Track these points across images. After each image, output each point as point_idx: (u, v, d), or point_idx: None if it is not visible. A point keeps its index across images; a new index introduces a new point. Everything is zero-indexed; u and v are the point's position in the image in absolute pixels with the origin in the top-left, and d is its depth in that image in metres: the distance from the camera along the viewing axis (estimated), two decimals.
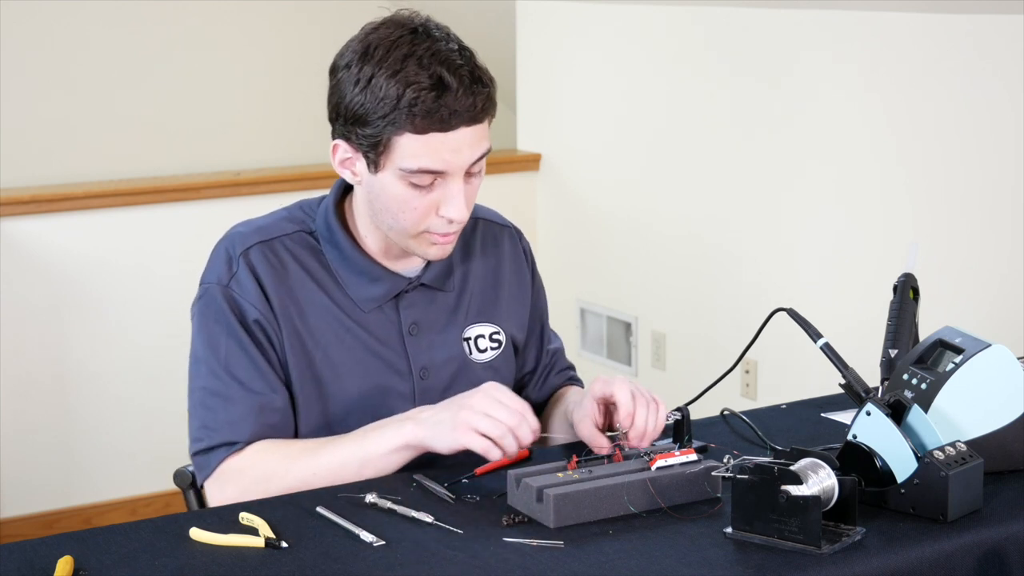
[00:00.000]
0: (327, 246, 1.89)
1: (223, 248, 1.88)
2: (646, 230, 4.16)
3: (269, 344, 1.84)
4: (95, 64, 4.69)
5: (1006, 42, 3.00)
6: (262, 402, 1.82)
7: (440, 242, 1.83)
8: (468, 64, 1.75)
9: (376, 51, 1.74)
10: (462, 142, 1.75)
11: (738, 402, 3.09)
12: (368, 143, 1.76)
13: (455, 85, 1.72)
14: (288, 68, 4.91)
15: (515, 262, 2.05)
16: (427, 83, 1.71)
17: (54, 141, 4.62)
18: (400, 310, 1.90)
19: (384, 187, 1.78)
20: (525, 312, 2.05)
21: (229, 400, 1.82)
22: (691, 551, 1.52)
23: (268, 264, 1.85)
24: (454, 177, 1.77)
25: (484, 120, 1.78)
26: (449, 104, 1.72)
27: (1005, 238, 3.06)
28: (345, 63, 1.77)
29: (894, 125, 3.31)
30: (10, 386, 3.91)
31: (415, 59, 1.72)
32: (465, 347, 1.96)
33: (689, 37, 3.91)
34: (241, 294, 1.84)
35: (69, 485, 4.07)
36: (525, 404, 1.72)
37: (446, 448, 1.73)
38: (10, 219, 3.88)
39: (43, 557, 1.51)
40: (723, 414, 2.04)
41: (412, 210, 1.78)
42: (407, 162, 1.75)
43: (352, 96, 1.75)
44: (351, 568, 1.49)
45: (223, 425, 1.81)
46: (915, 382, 1.75)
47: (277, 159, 4.75)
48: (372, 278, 1.88)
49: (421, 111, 1.71)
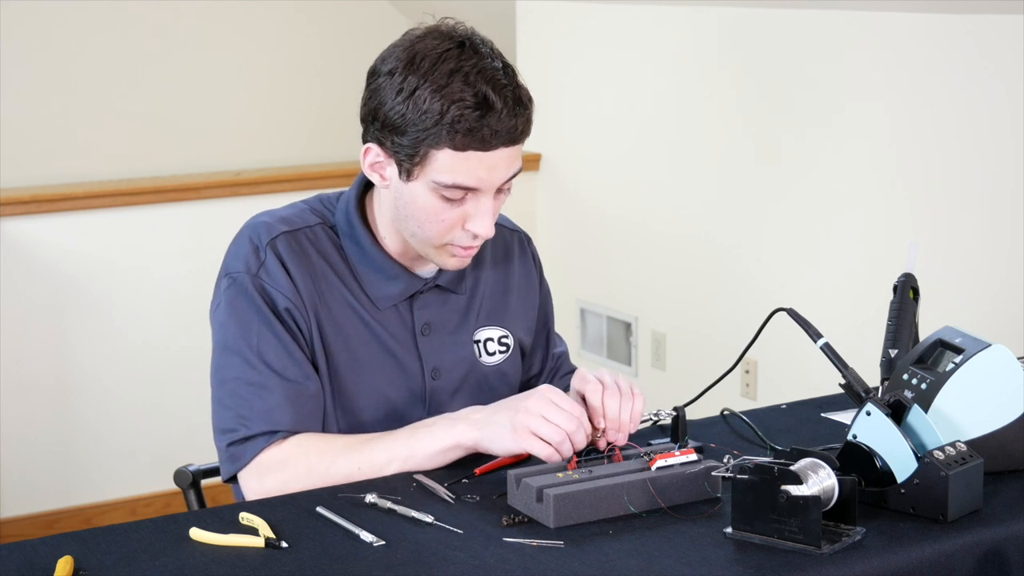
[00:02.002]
0: (347, 241, 1.89)
1: (247, 237, 1.87)
2: (646, 230, 4.16)
3: (299, 332, 1.83)
4: (95, 64, 4.69)
5: (1006, 42, 3.00)
6: (298, 390, 1.81)
7: (460, 255, 1.83)
8: (512, 84, 1.76)
9: (423, 62, 1.73)
10: (499, 161, 1.76)
11: (738, 402, 3.09)
12: (404, 152, 1.76)
13: (499, 106, 1.72)
14: (288, 68, 4.91)
15: (524, 267, 2.06)
16: (471, 101, 1.71)
17: (54, 141, 4.62)
18: (414, 310, 1.91)
19: (415, 196, 1.78)
20: (533, 316, 2.06)
21: (265, 388, 1.80)
22: (691, 551, 1.52)
23: (293, 254, 1.85)
24: (486, 194, 1.78)
25: (521, 141, 1.79)
26: (492, 124, 1.72)
27: (1005, 238, 3.06)
28: (388, 69, 1.76)
29: (894, 125, 3.31)
30: (10, 386, 3.91)
31: (461, 75, 1.72)
32: (475, 349, 1.96)
33: (689, 37, 3.91)
34: (271, 282, 1.83)
35: (69, 485, 4.07)
36: (581, 409, 1.72)
37: (504, 451, 1.73)
38: (10, 219, 3.88)
39: (43, 557, 1.51)
40: (723, 414, 2.04)
41: (440, 222, 1.78)
42: (443, 176, 1.75)
43: (393, 104, 1.74)
44: (351, 568, 1.49)
45: (261, 414, 1.80)
46: (915, 382, 1.75)
47: (277, 159, 4.75)
48: (390, 276, 1.88)
49: (463, 129, 1.72)
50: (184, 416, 4.06)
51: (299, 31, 4.96)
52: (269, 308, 1.82)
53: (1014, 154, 3.01)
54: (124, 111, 4.74)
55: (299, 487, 1.75)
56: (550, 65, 4.53)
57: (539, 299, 2.08)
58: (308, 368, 1.83)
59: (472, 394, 1.95)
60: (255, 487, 1.80)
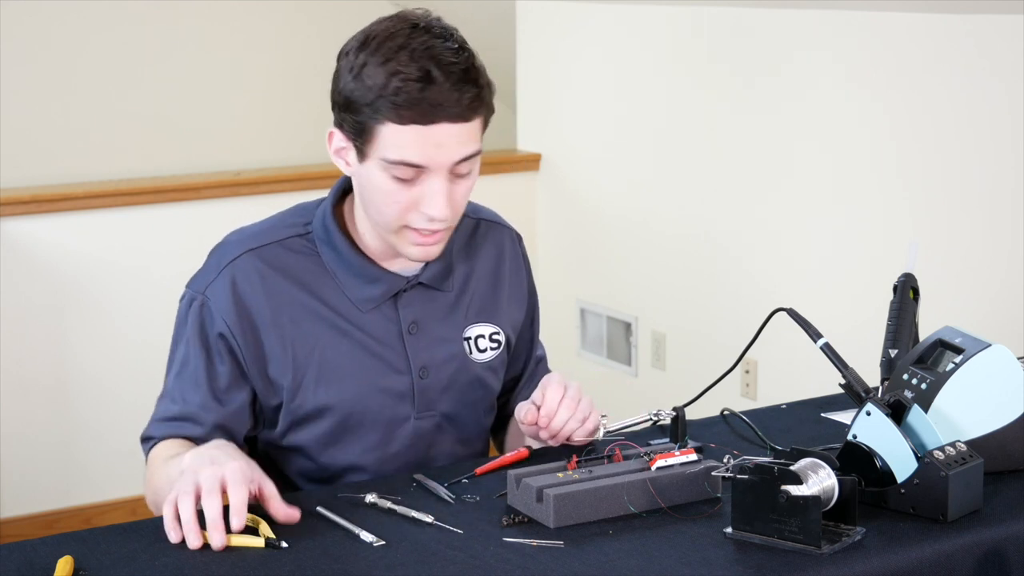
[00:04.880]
0: (324, 247, 1.88)
1: (214, 256, 1.90)
2: (646, 230, 4.16)
3: (231, 358, 1.85)
4: (95, 64, 4.69)
5: (1006, 42, 3.00)
6: (188, 413, 1.86)
7: (421, 242, 1.81)
8: (463, 63, 1.74)
9: (373, 41, 1.75)
10: (446, 139, 1.74)
11: (738, 402, 3.09)
12: (355, 130, 1.76)
13: (442, 79, 1.71)
14: (288, 68, 4.91)
15: (514, 263, 2.05)
16: (414, 75, 1.71)
17: (54, 141, 4.62)
18: (399, 309, 1.90)
19: (369, 177, 1.78)
20: (520, 315, 2.05)
21: (166, 400, 1.89)
22: (691, 551, 1.52)
23: (255, 273, 1.85)
24: (436, 174, 1.76)
25: (472, 119, 1.76)
26: (432, 97, 1.71)
27: (1005, 238, 3.06)
28: (346, 51, 1.78)
29: (894, 125, 3.31)
30: (10, 386, 3.91)
31: (407, 51, 1.72)
32: (465, 347, 1.95)
33: (689, 37, 3.91)
34: (214, 304, 1.85)
35: (69, 485, 4.07)
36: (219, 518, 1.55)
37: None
38: (10, 219, 3.88)
39: (43, 557, 1.52)
40: (723, 414, 2.04)
41: (394, 203, 1.77)
42: (388, 152, 1.74)
43: (345, 83, 1.76)
44: (351, 568, 1.49)
45: (152, 422, 1.90)
46: (915, 382, 1.75)
47: (277, 159, 4.75)
48: (369, 279, 1.88)
49: (404, 101, 1.71)
50: None
51: (299, 31, 4.97)
52: (200, 331, 1.86)
53: (1014, 154, 3.01)
54: (124, 111, 4.74)
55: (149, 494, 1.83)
56: (550, 65, 4.53)
57: (527, 299, 2.07)
58: (207, 398, 1.85)
59: (462, 391, 1.94)
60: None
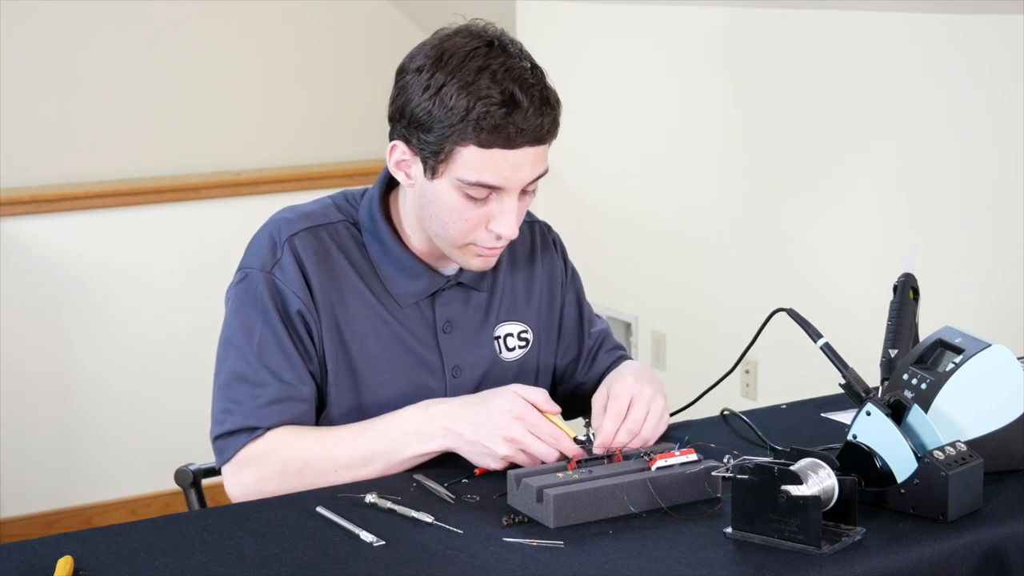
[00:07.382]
0: (369, 238, 1.89)
1: (266, 234, 1.87)
2: (646, 230, 4.16)
3: (308, 334, 1.84)
4: (95, 64, 4.68)
5: (1006, 42, 3.00)
6: (290, 392, 1.81)
7: (484, 255, 1.84)
8: (539, 84, 1.78)
9: (450, 59, 1.74)
10: (524, 161, 1.76)
11: (738, 402, 3.09)
12: (430, 149, 1.76)
13: (525, 104, 1.74)
14: (288, 68, 4.91)
15: (548, 257, 2.07)
16: (498, 99, 1.72)
17: (54, 141, 4.61)
18: (436, 308, 1.91)
19: (438, 194, 1.79)
20: (558, 305, 2.06)
21: (256, 386, 1.81)
22: (691, 551, 1.53)
23: (313, 251, 1.85)
24: (510, 194, 1.78)
25: (548, 141, 1.80)
26: (517, 122, 1.73)
27: (1005, 238, 3.06)
28: (416, 67, 1.77)
29: (894, 125, 3.31)
30: (10, 386, 3.92)
31: (488, 73, 1.73)
32: (496, 346, 1.96)
33: (689, 37, 3.91)
34: (284, 281, 1.83)
35: (69, 485, 4.07)
36: (559, 431, 1.73)
37: (486, 466, 1.76)
38: (10, 219, 3.88)
39: (43, 557, 1.52)
40: (723, 414, 2.04)
41: (463, 221, 1.79)
42: (467, 174, 1.75)
43: (419, 101, 1.75)
44: (351, 568, 1.49)
45: (247, 411, 1.80)
46: (915, 382, 1.75)
47: (277, 159, 4.75)
48: (412, 274, 1.89)
49: (489, 126, 1.72)
50: (184, 416, 4.05)
51: (299, 31, 4.96)
52: (278, 308, 1.82)
53: (1014, 154, 3.01)
54: (124, 111, 4.74)
55: (275, 483, 1.76)
56: (550, 65, 4.49)
57: (567, 282, 2.09)
58: (305, 374, 1.83)
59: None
60: (234, 481, 1.81)
